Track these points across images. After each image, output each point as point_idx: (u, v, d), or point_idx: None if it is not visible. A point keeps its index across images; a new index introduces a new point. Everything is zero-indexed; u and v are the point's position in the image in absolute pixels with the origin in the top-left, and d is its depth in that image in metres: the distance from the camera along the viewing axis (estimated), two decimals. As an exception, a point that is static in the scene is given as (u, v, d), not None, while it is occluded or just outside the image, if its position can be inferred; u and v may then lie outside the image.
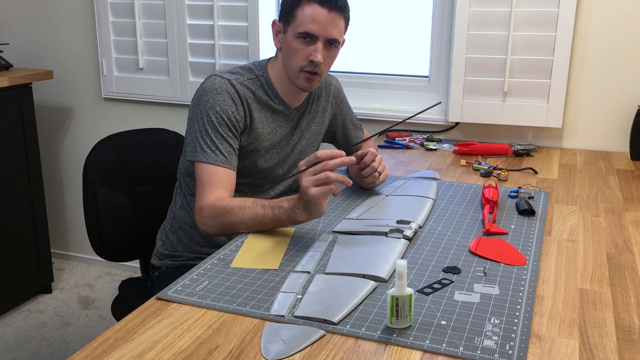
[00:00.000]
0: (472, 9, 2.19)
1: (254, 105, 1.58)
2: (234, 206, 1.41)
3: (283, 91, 1.62)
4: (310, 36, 1.51)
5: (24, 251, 2.76)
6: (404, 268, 0.98)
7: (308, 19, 1.49)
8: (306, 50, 1.52)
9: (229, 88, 1.53)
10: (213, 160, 1.48)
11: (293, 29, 1.52)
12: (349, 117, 1.85)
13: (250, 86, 1.58)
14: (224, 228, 1.44)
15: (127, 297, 1.80)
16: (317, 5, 1.49)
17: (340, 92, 1.82)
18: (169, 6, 2.64)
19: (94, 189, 1.76)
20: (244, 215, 1.39)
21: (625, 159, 2.09)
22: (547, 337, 0.98)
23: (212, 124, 1.50)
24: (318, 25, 1.50)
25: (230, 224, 1.42)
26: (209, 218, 1.45)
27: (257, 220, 1.38)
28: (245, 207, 1.40)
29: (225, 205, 1.42)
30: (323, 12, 1.50)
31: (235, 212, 1.40)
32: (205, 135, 1.50)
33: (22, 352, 2.45)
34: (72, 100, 2.99)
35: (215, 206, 1.44)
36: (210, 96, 1.52)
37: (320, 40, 1.52)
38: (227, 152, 1.51)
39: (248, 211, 1.39)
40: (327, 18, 1.50)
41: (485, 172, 1.85)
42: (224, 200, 1.44)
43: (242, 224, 1.40)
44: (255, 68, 1.63)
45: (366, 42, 2.56)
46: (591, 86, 2.19)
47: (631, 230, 1.44)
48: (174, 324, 1.03)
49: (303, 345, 0.96)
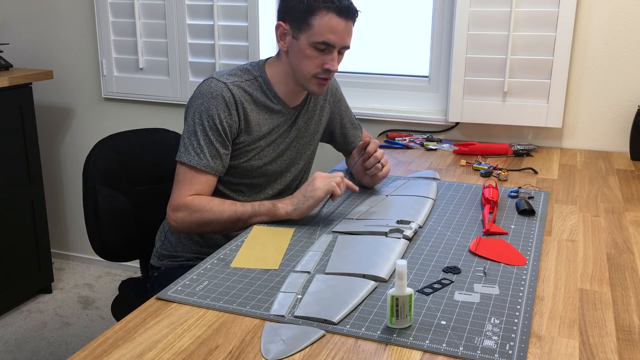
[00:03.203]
0: (472, 9, 2.19)
1: (251, 107, 1.58)
2: (213, 204, 1.48)
3: (283, 92, 1.62)
4: (328, 45, 1.51)
5: (24, 251, 2.76)
6: (404, 268, 0.98)
7: (327, 29, 1.49)
8: (321, 59, 1.53)
9: (224, 92, 1.53)
10: (196, 163, 1.50)
11: (308, 36, 1.51)
12: (347, 116, 1.85)
13: (248, 88, 1.58)
14: (199, 225, 1.49)
15: (127, 297, 1.80)
16: (335, 16, 1.49)
17: (338, 90, 1.82)
18: (169, 6, 2.64)
19: (94, 189, 1.76)
20: (223, 213, 1.46)
21: (625, 159, 2.09)
22: (547, 337, 0.98)
23: (203, 127, 1.51)
24: (336, 36, 1.51)
25: (207, 221, 1.48)
26: (184, 214, 1.49)
27: (236, 217, 1.46)
28: (224, 204, 1.47)
29: (204, 203, 1.48)
30: (341, 23, 1.50)
31: (213, 210, 1.47)
32: (193, 137, 1.51)
33: (22, 352, 2.45)
34: (72, 100, 2.99)
35: (194, 203, 1.49)
36: (204, 99, 1.52)
37: (336, 49, 1.53)
38: (211, 156, 1.52)
39: (226, 208, 1.46)
40: (344, 27, 1.51)
41: (485, 172, 1.85)
42: (203, 198, 1.50)
43: (218, 221, 1.47)
44: (252, 69, 1.62)
45: (366, 42, 2.56)
46: (591, 86, 2.19)
47: (631, 230, 1.44)
48: (174, 324, 1.03)
49: (303, 345, 0.96)
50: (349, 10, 1.51)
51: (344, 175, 1.48)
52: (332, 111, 1.80)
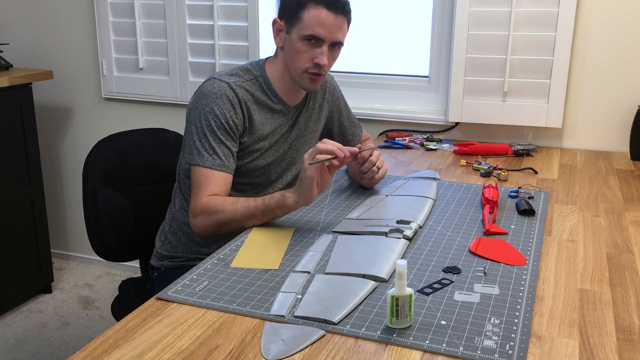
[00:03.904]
0: (472, 9, 2.19)
1: (253, 107, 1.58)
2: (227, 203, 1.46)
3: (282, 90, 1.63)
4: (317, 39, 1.52)
5: (24, 251, 2.76)
6: (404, 268, 0.98)
7: (315, 22, 1.50)
8: (311, 53, 1.53)
9: (228, 92, 1.54)
10: (210, 164, 1.50)
11: (298, 30, 1.52)
12: (346, 114, 1.85)
13: (249, 88, 1.59)
14: (218, 226, 1.47)
15: (127, 297, 1.80)
16: (324, 9, 1.50)
17: (336, 89, 1.82)
18: (169, 6, 2.64)
19: (94, 189, 1.76)
20: (236, 211, 1.44)
21: (625, 159, 2.09)
22: (547, 337, 0.98)
23: (211, 127, 1.51)
24: (325, 29, 1.51)
25: (224, 221, 1.46)
26: (203, 217, 1.48)
27: (249, 213, 1.43)
28: (237, 202, 1.45)
29: (219, 204, 1.46)
30: (330, 16, 1.50)
31: (227, 209, 1.45)
32: (203, 139, 1.51)
33: (22, 352, 2.45)
34: (72, 100, 2.99)
35: (209, 205, 1.47)
36: (209, 100, 1.53)
37: (326, 44, 1.53)
38: (224, 155, 1.52)
39: (240, 206, 1.44)
40: (334, 22, 1.51)
41: (485, 172, 1.85)
42: (217, 199, 1.48)
43: (234, 220, 1.44)
44: (253, 68, 1.63)
45: (366, 42, 2.56)
46: (591, 86, 2.19)
47: (631, 230, 1.44)
48: (174, 324, 1.03)
49: (303, 345, 0.96)
50: (338, 3, 1.51)
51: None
52: (330, 110, 1.80)
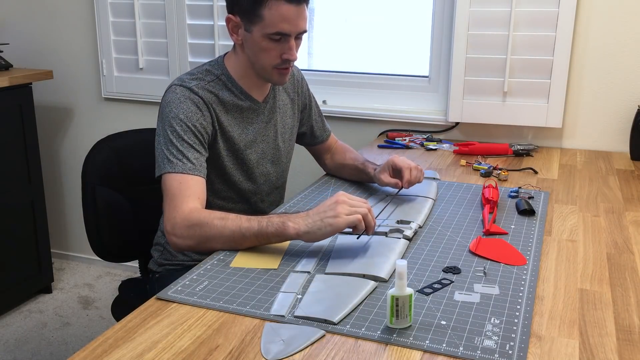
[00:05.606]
0: (472, 9, 2.19)
1: (220, 109, 1.54)
2: (214, 217, 1.32)
3: (247, 85, 1.58)
4: (283, 34, 1.46)
5: (24, 251, 2.76)
6: (404, 268, 0.98)
7: (278, 18, 1.43)
8: (279, 49, 1.48)
9: (191, 96, 1.48)
10: (180, 169, 1.41)
11: (261, 29, 1.44)
12: (316, 108, 1.83)
13: (213, 89, 1.53)
14: (200, 241, 1.33)
15: (127, 297, 1.80)
16: (285, 3, 1.42)
17: (304, 79, 1.79)
18: (169, 6, 2.64)
19: (93, 189, 1.76)
20: (225, 228, 1.30)
21: (625, 159, 2.09)
22: (547, 337, 0.98)
23: (177, 133, 1.44)
24: (290, 24, 1.45)
25: (207, 236, 1.32)
26: (185, 229, 1.34)
27: (240, 233, 1.29)
28: (227, 219, 1.31)
29: (204, 217, 1.33)
30: (292, 9, 1.43)
31: (215, 225, 1.30)
32: (170, 146, 1.44)
33: (22, 352, 2.45)
34: (72, 100, 2.99)
35: (192, 217, 1.34)
36: (172, 107, 1.47)
37: (292, 37, 1.48)
38: (195, 159, 1.44)
39: (230, 223, 1.30)
40: (296, 13, 1.45)
41: (485, 172, 1.85)
42: (202, 212, 1.35)
43: (220, 236, 1.30)
44: (213, 68, 1.57)
45: (366, 42, 2.56)
46: (591, 86, 2.19)
47: (631, 230, 1.44)
48: (174, 324, 1.03)
49: (303, 345, 0.96)
50: None
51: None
52: (303, 102, 1.78)
